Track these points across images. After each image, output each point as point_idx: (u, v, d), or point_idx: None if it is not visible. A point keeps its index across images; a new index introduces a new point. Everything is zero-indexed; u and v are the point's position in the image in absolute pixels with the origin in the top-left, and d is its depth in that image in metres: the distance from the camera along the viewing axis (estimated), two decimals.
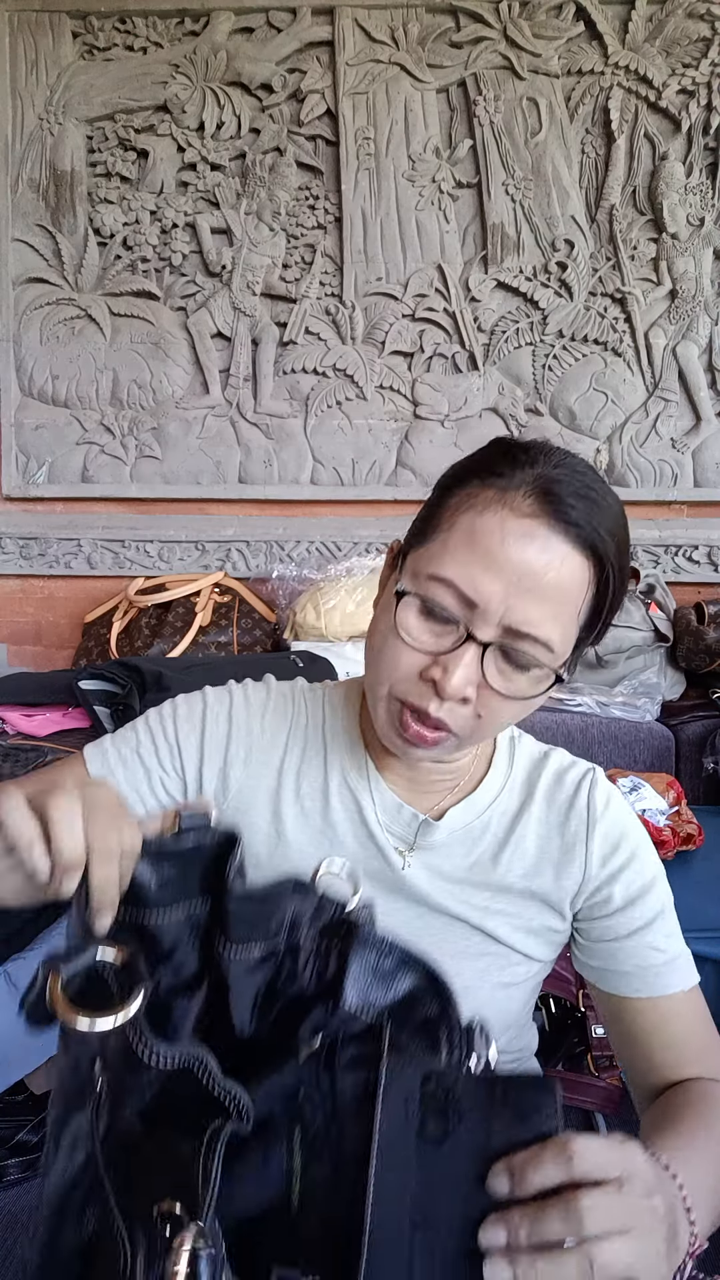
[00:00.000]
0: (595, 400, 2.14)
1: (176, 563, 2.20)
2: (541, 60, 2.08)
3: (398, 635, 0.60)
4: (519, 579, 0.57)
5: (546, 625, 0.58)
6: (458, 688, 0.58)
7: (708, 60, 2.04)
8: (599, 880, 0.69)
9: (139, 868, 0.47)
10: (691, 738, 1.70)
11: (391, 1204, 0.41)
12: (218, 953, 0.48)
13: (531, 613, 0.58)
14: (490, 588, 0.57)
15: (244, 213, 2.18)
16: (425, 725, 0.60)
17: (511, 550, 0.57)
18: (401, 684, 0.61)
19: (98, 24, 2.17)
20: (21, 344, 2.25)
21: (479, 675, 0.59)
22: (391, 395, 2.19)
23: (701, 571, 2.10)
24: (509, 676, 0.60)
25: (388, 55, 2.11)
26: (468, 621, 0.58)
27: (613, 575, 0.62)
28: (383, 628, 0.62)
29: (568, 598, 0.59)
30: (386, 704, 0.62)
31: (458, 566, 0.58)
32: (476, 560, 0.58)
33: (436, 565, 0.59)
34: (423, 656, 0.59)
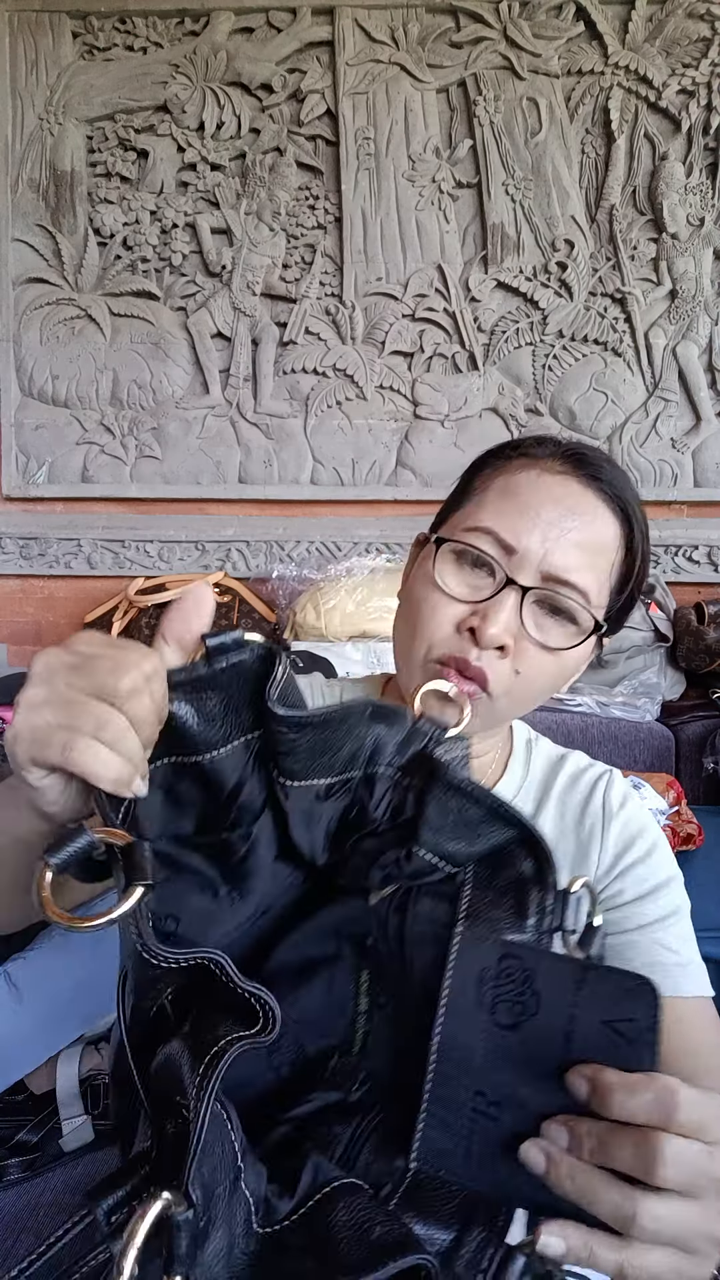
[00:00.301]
0: (595, 400, 2.14)
1: (176, 563, 2.20)
2: (541, 60, 2.08)
3: (435, 587, 0.60)
4: (556, 526, 0.59)
5: (583, 573, 0.60)
6: (497, 634, 0.57)
7: (708, 60, 2.04)
8: (613, 874, 0.68)
9: (175, 707, 0.40)
10: (691, 738, 1.70)
11: (453, 1077, 0.38)
12: (275, 785, 0.42)
13: (569, 559, 0.59)
14: (529, 534, 0.59)
15: (244, 213, 2.18)
16: (464, 679, 0.59)
17: (547, 500, 0.60)
18: (438, 639, 0.60)
19: (98, 24, 2.17)
20: (21, 344, 2.25)
21: (518, 623, 0.59)
22: (391, 395, 2.19)
23: (701, 571, 2.10)
24: (546, 629, 0.60)
25: (388, 55, 2.11)
26: (507, 567, 0.59)
27: (640, 542, 0.64)
28: (414, 593, 0.63)
29: (602, 549, 0.61)
30: (423, 666, 0.61)
31: (495, 516, 0.60)
32: (514, 509, 0.60)
33: (473, 519, 0.61)
34: (460, 607, 0.60)
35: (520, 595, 0.59)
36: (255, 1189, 0.37)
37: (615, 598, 0.64)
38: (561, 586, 0.59)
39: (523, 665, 0.60)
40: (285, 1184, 0.38)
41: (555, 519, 0.59)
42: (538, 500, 0.60)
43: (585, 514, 0.60)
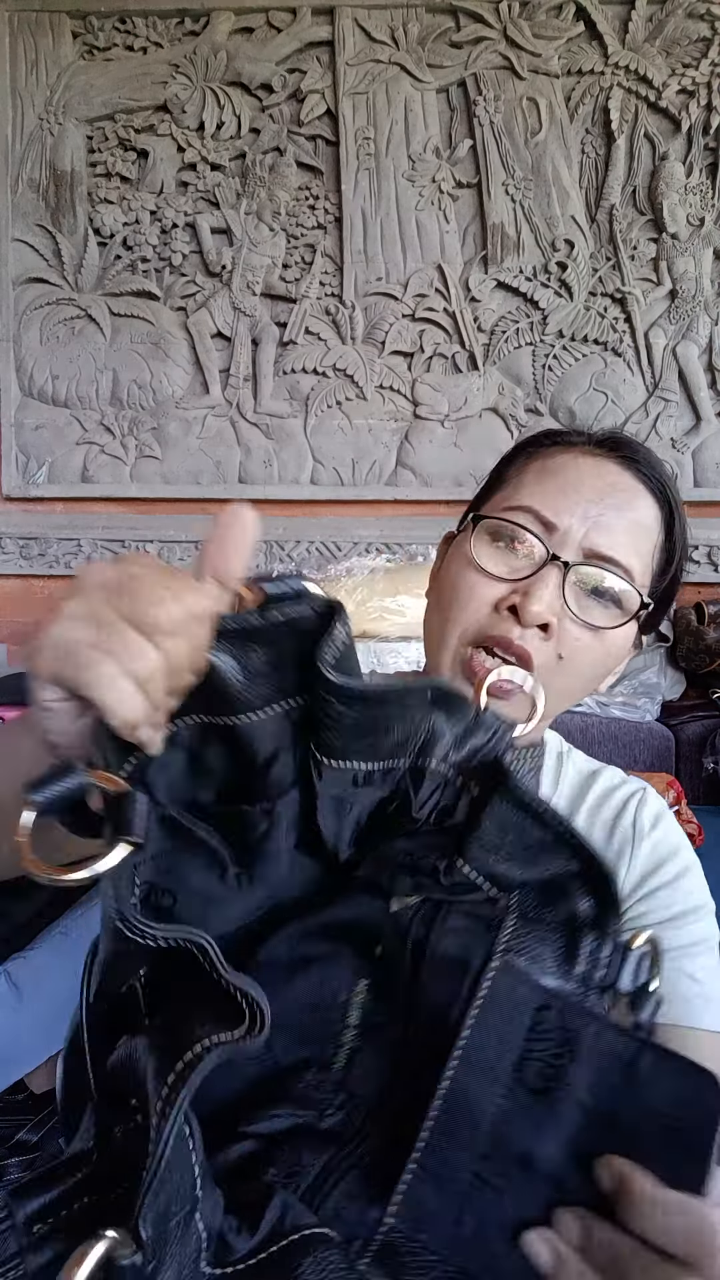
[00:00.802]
0: (595, 400, 2.14)
1: (176, 563, 2.20)
2: (541, 60, 2.08)
3: (472, 567, 0.58)
4: (598, 504, 0.58)
5: (627, 552, 0.58)
6: (541, 611, 0.55)
7: (708, 60, 2.04)
8: (637, 895, 0.64)
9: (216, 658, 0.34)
10: (691, 738, 1.70)
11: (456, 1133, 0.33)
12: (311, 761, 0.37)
13: (613, 537, 0.58)
14: (571, 511, 0.58)
15: (244, 213, 2.18)
16: (506, 661, 0.56)
17: (588, 478, 0.59)
18: (474, 621, 0.58)
19: (98, 24, 2.17)
20: (21, 344, 2.25)
21: (560, 602, 0.56)
22: (391, 395, 2.19)
23: (701, 571, 2.10)
24: (589, 609, 0.58)
25: (388, 55, 2.11)
26: (548, 543, 0.57)
27: (680, 529, 0.63)
28: (449, 577, 0.61)
29: (644, 529, 0.60)
30: (455, 651, 0.59)
31: (535, 495, 0.59)
32: (554, 488, 0.59)
33: (512, 500, 0.60)
34: (500, 586, 0.57)
35: (563, 572, 0.56)
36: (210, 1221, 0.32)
37: (657, 584, 0.62)
38: (604, 563, 0.58)
39: (566, 648, 0.57)
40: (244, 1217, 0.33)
41: (596, 497, 0.58)
42: (577, 478, 0.59)
43: (626, 492, 0.60)
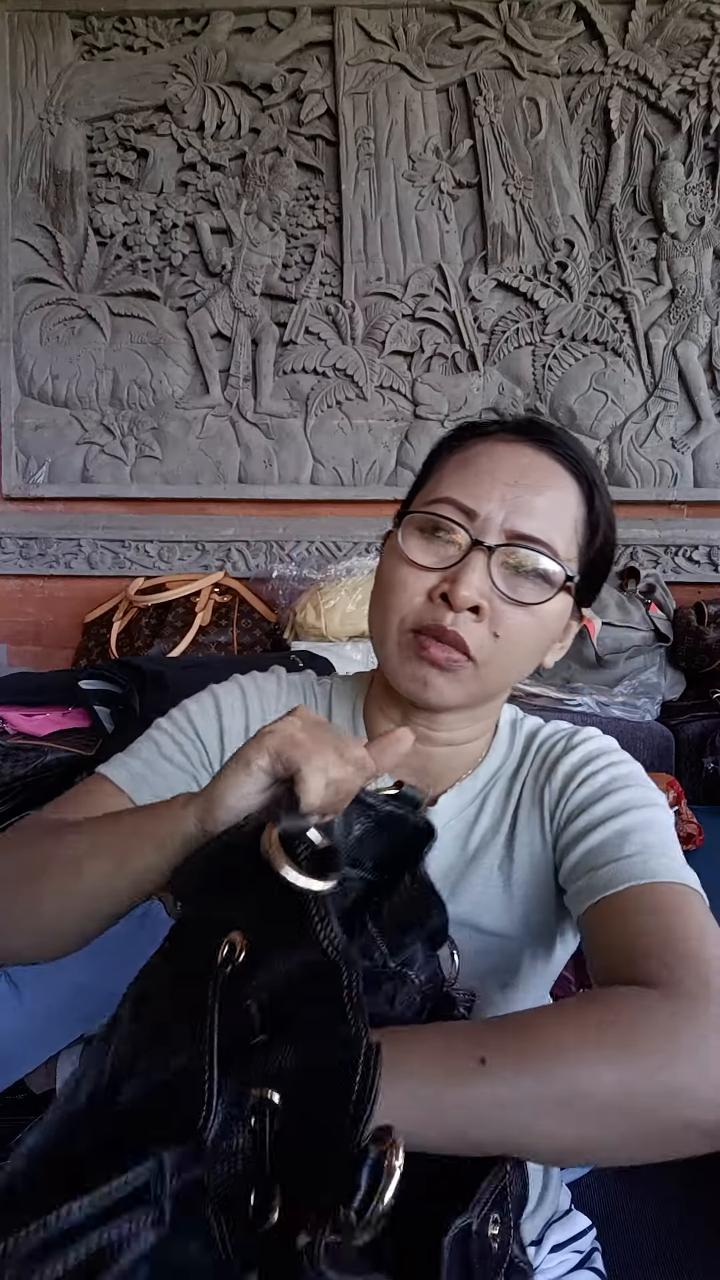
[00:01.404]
0: (595, 400, 2.14)
1: (176, 563, 2.20)
2: (541, 60, 2.08)
3: (402, 560, 0.62)
4: (514, 486, 0.61)
5: (547, 530, 0.61)
6: (469, 595, 0.58)
7: (708, 60, 2.04)
8: (562, 800, 0.64)
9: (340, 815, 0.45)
10: (691, 738, 1.70)
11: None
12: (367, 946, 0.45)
13: (532, 517, 0.61)
14: (489, 497, 0.61)
15: (244, 213, 2.18)
16: (442, 644, 0.59)
17: (502, 464, 0.62)
18: (411, 610, 0.61)
19: (98, 24, 2.17)
20: (21, 344, 2.25)
21: (489, 584, 0.59)
22: (391, 395, 2.19)
23: (701, 571, 2.10)
24: (517, 586, 0.61)
25: (388, 55, 2.11)
26: (471, 530, 0.60)
27: (602, 501, 0.65)
28: (385, 574, 0.65)
29: (562, 507, 0.62)
30: (398, 638, 0.62)
31: (455, 486, 0.62)
32: (472, 477, 0.62)
33: (435, 493, 0.63)
34: (431, 576, 0.61)
35: (488, 555, 0.59)
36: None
37: (584, 557, 0.65)
38: (526, 542, 0.60)
39: (500, 627, 0.60)
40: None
41: (512, 480, 0.61)
42: (493, 465, 0.62)
43: (541, 472, 0.62)
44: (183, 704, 0.72)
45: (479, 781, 0.69)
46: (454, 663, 0.60)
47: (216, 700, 0.71)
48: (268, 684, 0.74)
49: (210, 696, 0.72)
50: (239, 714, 0.70)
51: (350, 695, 0.74)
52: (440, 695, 0.61)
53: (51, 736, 1.44)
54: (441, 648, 0.59)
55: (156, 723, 0.71)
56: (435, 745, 0.67)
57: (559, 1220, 0.75)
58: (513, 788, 0.69)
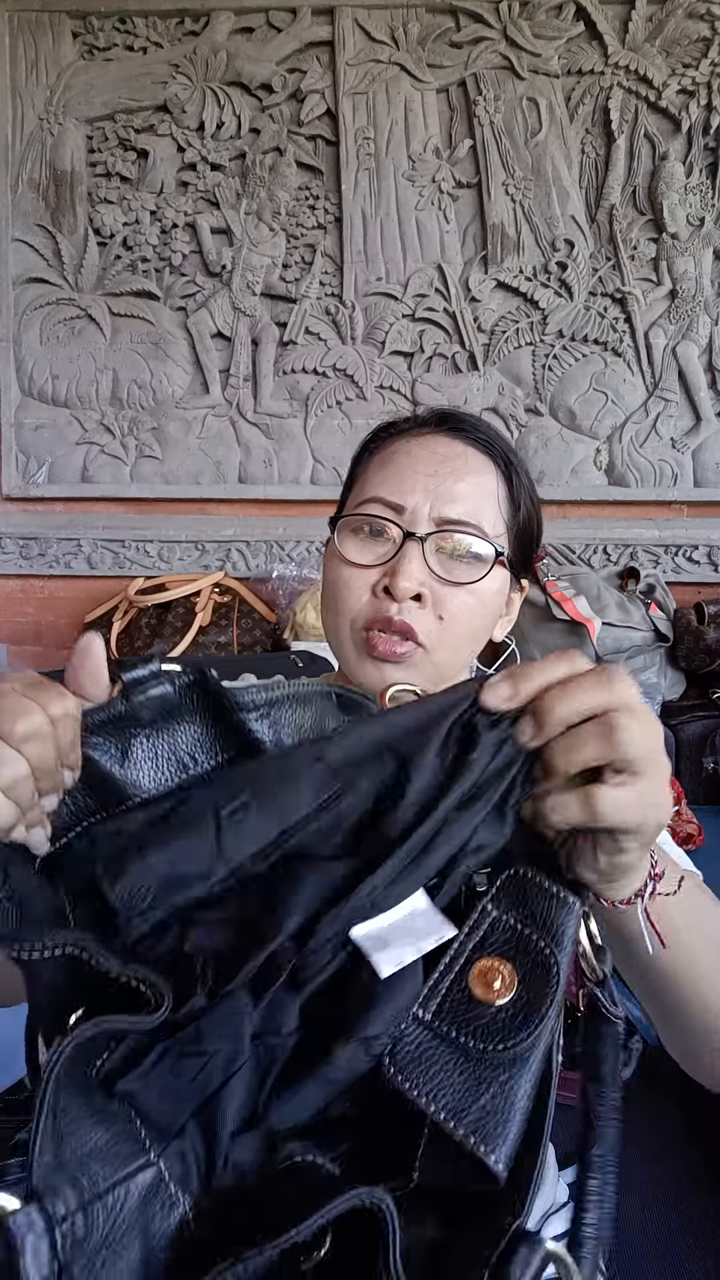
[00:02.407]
0: (595, 400, 2.14)
1: (176, 563, 2.20)
2: (541, 60, 2.08)
3: (342, 562, 0.65)
4: (434, 476, 0.64)
5: (471, 510, 0.65)
6: (408, 586, 0.62)
7: (708, 60, 2.04)
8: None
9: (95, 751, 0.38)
10: (691, 738, 1.70)
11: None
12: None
13: (456, 502, 0.64)
14: (412, 491, 0.64)
15: (244, 213, 2.18)
16: (391, 634, 0.63)
17: (420, 457, 0.65)
18: (359, 607, 0.64)
19: (98, 24, 2.17)
20: (21, 344, 2.25)
21: (425, 571, 0.63)
22: (391, 395, 2.19)
23: (701, 571, 2.10)
24: (453, 569, 0.64)
25: (388, 55, 2.11)
26: (401, 524, 0.64)
27: (520, 477, 0.68)
28: (329, 578, 0.68)
29: (482, 488, 0.66)
30: (352, 638, 0.65)
31: (380, 484, 0.65)
32: (394, 474, 0.65)
33: (362, 495, 0.66)
34: (371, 573, 0.64)
35: (421, 544, 0.63)
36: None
37: (512, 532, 0.68)
38: (455, 526, 0.64)
39: (444, 610, 0.64)
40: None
41: (432, 470, 0.64)
42: (412, 460, 0.65)
43: (458, 459, 0.66)
44: None
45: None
46: (404, 654, 0.63)
47: None
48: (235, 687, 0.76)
49: None
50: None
51: None
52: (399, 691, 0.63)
53: None
54: (390, 641, 0.62)
55: None
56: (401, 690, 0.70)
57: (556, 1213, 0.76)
58: None
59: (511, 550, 0.68)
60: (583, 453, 2.15)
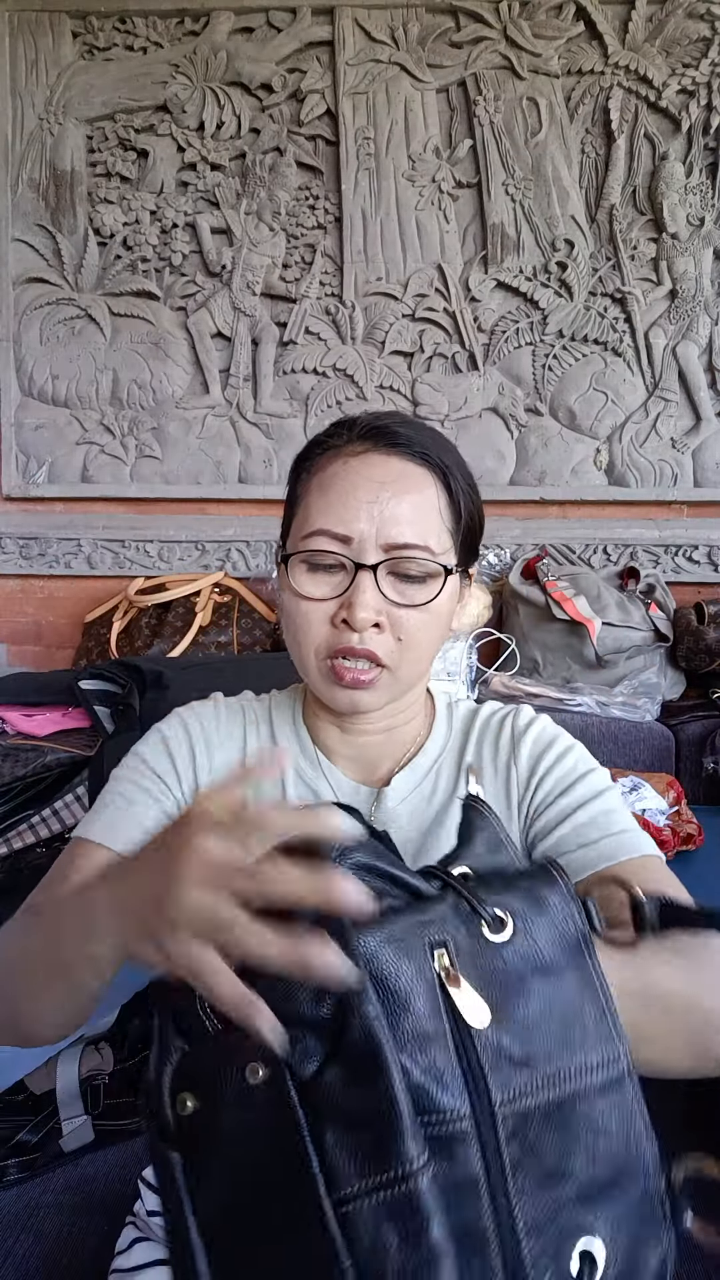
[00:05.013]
0: (595, 400, 2.14)
1: (176, 563, 2.20)
2: (541, 60, 2.08)
3: (299, 597, 0.66)
4: (375, 502, 0.64)
5: (418, 531, 0.65)
6: (366, 617, 0.63)
7: (708, 60, 2.04)
8: (533, 784, 0.72)
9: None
10: (691, 738, 1.70)
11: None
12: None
13: (400, 526, 0.64)
14: (355, 520, 0.64)
15: (244, 213, 2.18)
16: (356, 662, 0.65)
17: (359, 482, 0.65)
18: (320, 639, 0.66)
19: (98, 24, 2.17)
20: (21, 344, 2.25)
21: (380, 599, 0.64)
22: (391, 395, 2.19)
23: (701, 571, 2.10)
24: (405, 592, 0.66)
25: (388, 55, 2.11)
26: (351, 555, 0.65)
27: (456, 478, 0.68)
28: (287, 609, 0.68)
29: (424, 504, 0.66)
30: (317, 666, 0.67)
31: (321, 515, 0.65)
32: (334, 503, 0.65)
33: (306, 526, 0.66)
34: (326, 605, 0.65)
35: (372, 572, 0.64)
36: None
37: (456, 537, 0.69)
38: (403, 551, 0.65)
39: (402, 631, 0.66)
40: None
41: (373, 495, 0.64)
42: (350, 485, 0.65)
43: (395, 480, 0.65)
44: (133, 749, 0.76)
45: (428, 758, 0.75)
46: (370, 680, 0.65)
47: (162, 734, 0.75)
48: (205, 709, 0.78)
49: (156, 733, 0.76)
50: (183, 741, 0.74)
51: (289, 705, 0.79)
52: (366, 705, 0.68)
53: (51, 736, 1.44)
54: (355, 670, 0.65)
55: (113, 774, 0.75)
56: (370, 735, 0.73)
57: None
58: (462, 761, 0.75)
59: (458, 555, 0.70)
60: (583, 453, 2.15)
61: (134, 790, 0.72)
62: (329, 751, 0.74)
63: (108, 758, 1.28)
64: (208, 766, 0.73)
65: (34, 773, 1.31)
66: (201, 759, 0.73)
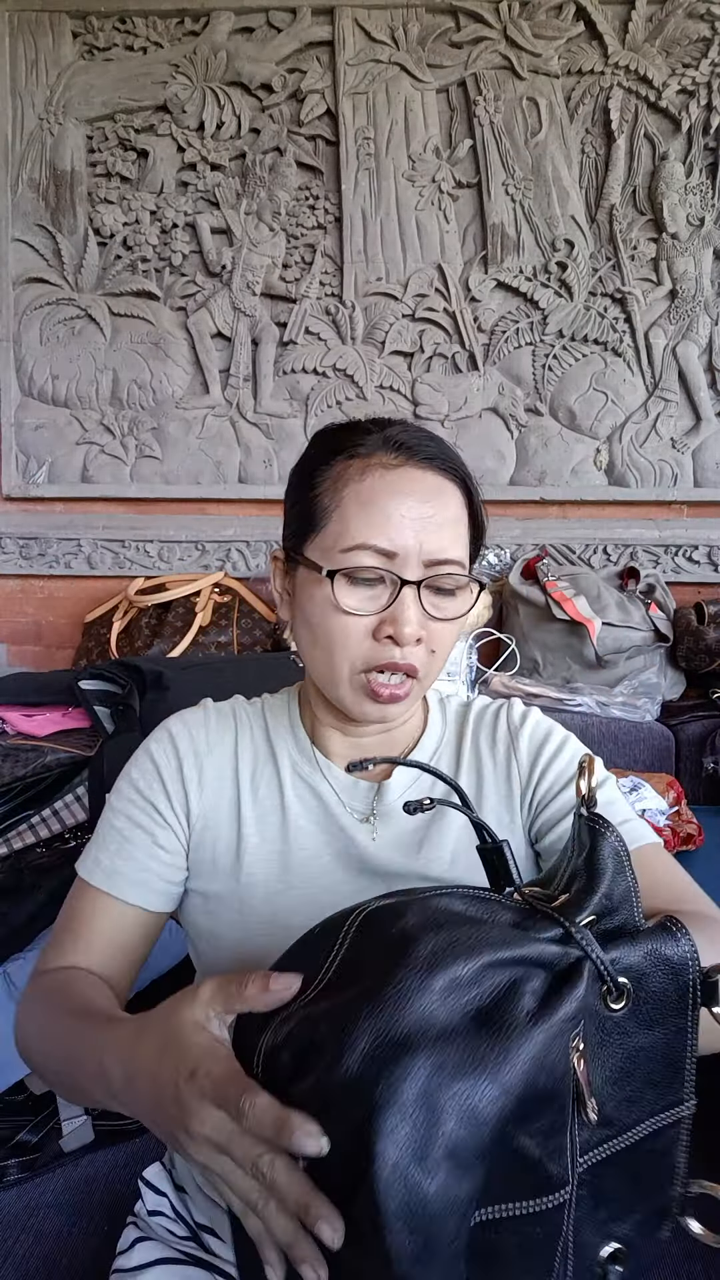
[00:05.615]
0: (595, 400, 2.14)
1: (176, 563, 2.20)
2: (541, 60, 2.08)
3: (341, 612, 0.66)
4: (419, 519, 0.65)
5: (454, 548, 0.67)
6: (413, 631, 0.65)
7: (708, 60, 2.04)
8: (534, 777, 0.73)
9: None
10: (691, 738, 1.70)
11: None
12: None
13: (441, 541, 0.66)
14: (400, 535, 0.65)
15: (244, 213, 2.18)
16: (393, 677, 0.66)
17: (400, 496, 0.65)
18: (360, 654, 0.66)
19: (98, 24, 2.17)
20: (21, 344, 2.25)
21: (422, 613, 0.66)
22: (391, 395, 2.19)
23: (701, 571, 2.10)
24: (441, 606, 0.68)
25: (388, 55, 2.11)
26: (395, 570, 0.65)
27: (474, 492, 0.71)
28: (317, 620, 0.68)
29: (457, 519, 0.68)
30: (350, 680, 0.67)
31: (366, 529, 0.65)
32: (378, 517, 0.65)
33: (346, 539, 0.66)
34: (369, 620, 0.66)
35: (416, 589, 0.65)
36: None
37: (474, 545, 0.72)
38: (442, 566, 0.66)
39: (435, 644, 0.68)
40: None
41: (416, 513, 0.65)
42: (393, 501, 0.65)
43: (434, 496, 0.66)
44: (125, 772, 0.76)
45: (425, 753, 0.76)
46: (405, 694, 0.67)
47: (149, 753, 0.76)
48: (194, 717, 0.78)
49: (144, 751, 0.76)
50: (170, 755, 0.74)
51: (284, 707, 0.79)
52: (394, 716, 0.70)
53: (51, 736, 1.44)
54: (390, 687, 0.66)
55: (109, 802, 0.75)
56: (369, 737, 0.74)
57: None
58: (461, 753, 0.76)
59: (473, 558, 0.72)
60: (583, 453, 2.15)
61: (128, 826, 0.72)
62: (328, 751, 0.75)
63: (108, 758, 1.28)
64: (196, 779, 0.73)
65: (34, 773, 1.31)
66: (190, 772, 0.73)
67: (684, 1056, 0.44)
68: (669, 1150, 0.44)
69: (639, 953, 0.43)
